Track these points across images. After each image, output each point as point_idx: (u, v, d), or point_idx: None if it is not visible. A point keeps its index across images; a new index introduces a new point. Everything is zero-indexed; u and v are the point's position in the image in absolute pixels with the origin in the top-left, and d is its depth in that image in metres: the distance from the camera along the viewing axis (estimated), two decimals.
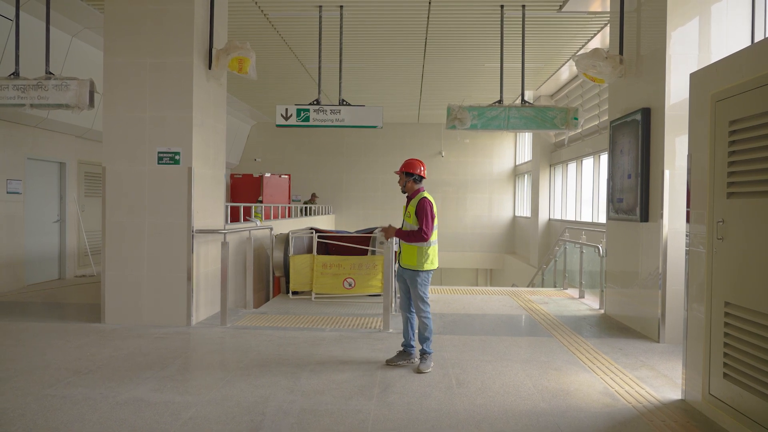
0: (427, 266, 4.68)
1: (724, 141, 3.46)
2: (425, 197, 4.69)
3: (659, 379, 4.40)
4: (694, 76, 3.93)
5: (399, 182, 4.85)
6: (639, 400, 3.92)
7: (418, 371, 4.51)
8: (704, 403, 3.65)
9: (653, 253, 5.73)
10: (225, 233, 6.29)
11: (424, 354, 4.67)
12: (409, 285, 4.75)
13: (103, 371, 4.41)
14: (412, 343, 4.82)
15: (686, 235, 3.95)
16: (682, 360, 3.98)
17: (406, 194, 4.84)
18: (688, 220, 3.93)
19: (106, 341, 5.36)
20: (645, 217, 5.89)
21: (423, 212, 4.61)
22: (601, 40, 9.58)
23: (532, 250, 15.61)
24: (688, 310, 3.92)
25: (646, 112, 5.87)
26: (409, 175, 4.76)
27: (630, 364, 4.80)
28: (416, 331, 4.83)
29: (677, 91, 5.58)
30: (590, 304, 7.70)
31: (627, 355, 5.09)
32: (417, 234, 4.59)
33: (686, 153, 5.56)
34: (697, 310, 3.80)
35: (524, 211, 18.16)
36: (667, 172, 5.58)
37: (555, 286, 9.78)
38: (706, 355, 3.64)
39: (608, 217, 6.87)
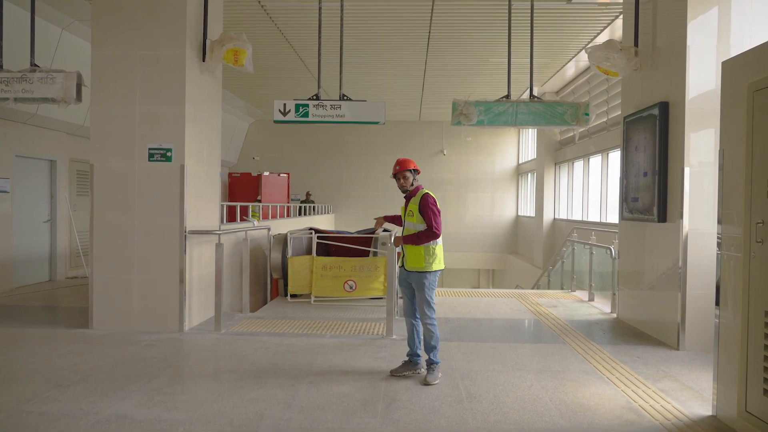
0: (435, 266, 4.36)
1: (765, 134, 3.14)
2: (427, 193, 4.40)
3: (685, 392, 4.09)
4: (727, 65, 3.62)
5: (402, 184, 4.46)
6: (666, 417, 3.62)
7: (426, 383, 4.19)
8: (740, 420, 3.34)
9: (671, 255, 5.42)
10: (219, 234, 5.97)
11: (431, 364, 4.34)
12: (416, 288, 4.40)
13: (86, 383, 4.09)
14: (418, 351, 4.50)
15: (717, 237, 3.64)
16: (713, 373, 3.67)
17: (406, 193, 4.51)
18: (719, 221, 3.62)
19: (92, 349, 5.04)
20: (663, 217, 5.58)
21: (428, 208, 4.32)
22: (609, 34, 9.27)
23: (536, 251, 15.31)
24: (720, 319, 3.61)
25: (664, 106, 5.56)
26: (413, 172, 4.48)
27: (651, 375, 4.49)
28: (422, 339, 4.50)
29: (697, 83, 5.28)
30: (601, 308, 7.39)
31: (646, 364, 4.78)
32: (427, 233, 4.29)
33: (708, 149, 5.30)
34: (730, 319, 3.49)
35: (528, 210, 17.85)
36: (687, 170, 5.27)
37: (562, 288, 9.47)
38: (741, 369, 3.33)
39: (622, 217, 6.56)
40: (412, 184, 4.46)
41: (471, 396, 3.95)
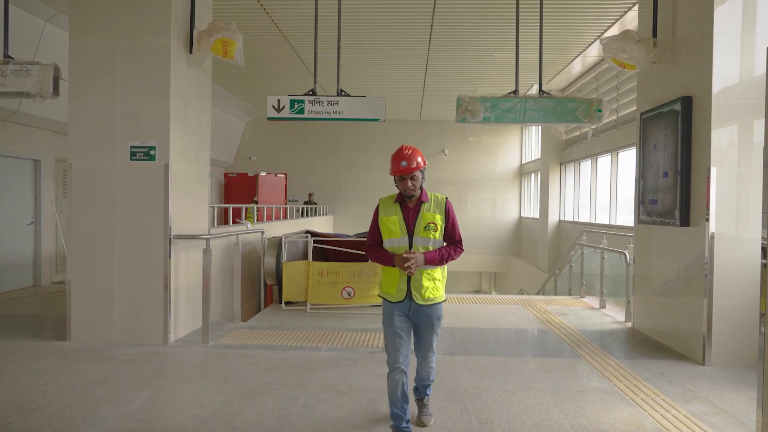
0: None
1: None
2: (447, 198, 3.39)
3: (719, 417, 3.68)
4: None
5: (411, 186, 3.21)
6: None
7: (422, 425, 3.43)
8: None
9: (695, 261, 5.01)
10: (207, 238, 5.54)
11: (425, 399, 3.54)
12: (426, 325, 3.31)
13: (52, 407, 3.67)
14: (407, 418, 3.25)
15: (762, 244, 3.22)
16: (757, 397, 3.24)
17: (411, 198, 3.29)
18: (764, 226, 3.21)
19: (66, 365, 4.62)
20: (685, 221, 5.16)
21: (455, 218, 3.35)
22: (620, 27, 8.86)
23: (540, 253, 14.89)
24: (765, 336, 3.19)
25: (687, 101, 5.15)
26: (423, 171, 3.27)
27: (678, 395, 4.08)
28: (421, 380, 3.52)
29: (724, 76, 4.87)
30: (614, 316, 6.98)
31: (671, 383, 4.37)
32: (456, 251, 3.30)
33: (734, 146, 4.88)
34: None
35: (531, 211, 17.44)
36: (713, 170, 4.85)
37: (571, 294, 9.06)
38: None
39: (638, 221, 6.14)
40: (421, 187, 3.31)
41: (482, 422, 3.53)
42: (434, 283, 3.27)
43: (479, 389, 4.15)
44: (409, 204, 3.28)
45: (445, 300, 3.35)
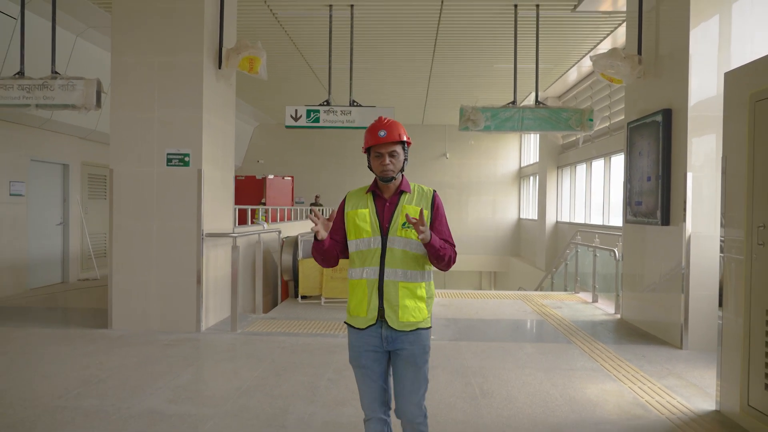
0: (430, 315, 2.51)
1: (766, 141, 3.32)
2: (435, 191, 2.54)
3: (689, 389, 4.26)
4: (729, 75, 3.79)
5: (389, 164, 2.42)
6: (672, 411, 3.78)
7: None
8: (742, 414, 3.51)
9: (675, 257, 5.59)
10: (236, 236, 6.13)
11: None
12: (409, 361, 2.39)
13: (113, 381, 4.25)
14: None
15: (721, 240, 3.80)
16: (716, 370, 3.84)
17: (387, 182, 2.45)
18: (722, 225, 3.79)
19: (113, 348, 5.20)
20: (666, 221, 5.75)
21: (444, 216, 2.53)
22: (612, 41, 9.45)
23: (538, 253, 15.47)
24: (723, 319, 3.78)
25: (667, 113, 5.73)
26: (405, 148, 2.48)
27: (656, 372, 4.66)
28: None
29: (699, 90, 5.45)
30: (605, 309, 7.56)
31: (651, 363, 4.95)
32: (451, 255, 2.47)
33: (710, 154, 5.48)
34: (732, 319, 3.66)
35: (529, 213, 18.03)
36: (690, 175, 5.44)
37: (566, 290, 9.64)
38: (744, 365, 3.50)
39: (625, 221, 6.73)
40: (402, 170, 2.49)
41: (484, 393, 4.11)
42: (415, 303, 2.40)
43: (481, 368, 4.73)
44: (385, 194, 2.48)
45: (431, 327, 2.48)
